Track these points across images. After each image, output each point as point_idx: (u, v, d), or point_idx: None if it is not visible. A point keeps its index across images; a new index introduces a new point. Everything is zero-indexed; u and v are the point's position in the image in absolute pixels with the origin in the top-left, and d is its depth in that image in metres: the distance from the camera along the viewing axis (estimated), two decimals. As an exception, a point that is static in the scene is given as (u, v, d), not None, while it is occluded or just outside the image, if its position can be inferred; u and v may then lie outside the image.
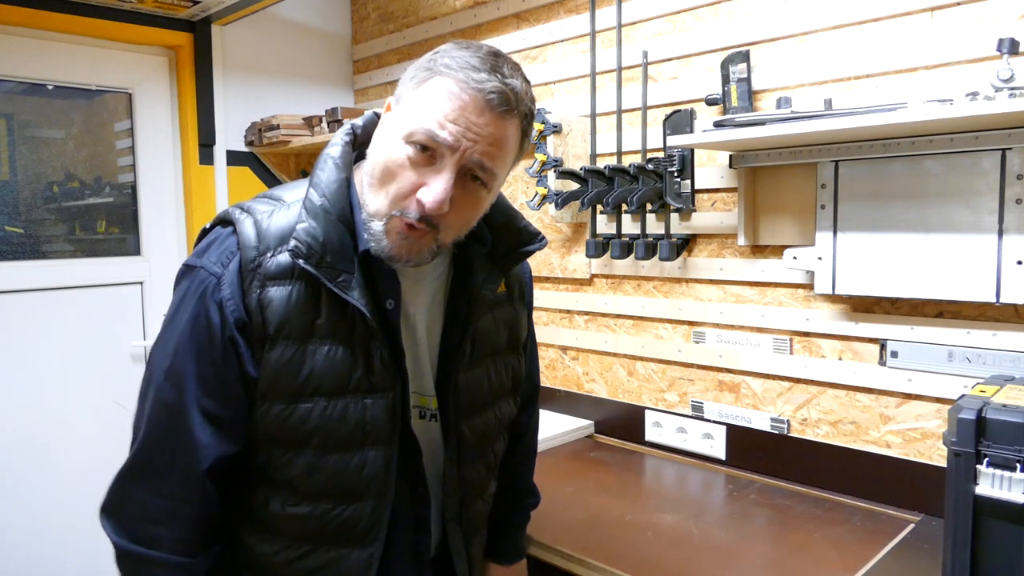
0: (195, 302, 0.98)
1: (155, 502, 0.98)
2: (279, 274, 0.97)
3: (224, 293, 0.96)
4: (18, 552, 2.34)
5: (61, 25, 2.34)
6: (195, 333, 0.97)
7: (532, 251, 1.15)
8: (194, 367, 0.97)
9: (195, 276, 1.00)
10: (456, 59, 0.93)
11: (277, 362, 0.97)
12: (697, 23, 1.91)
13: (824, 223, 1.64)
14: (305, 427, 1.00)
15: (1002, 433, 1.06)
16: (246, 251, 0.97)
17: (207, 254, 1.00)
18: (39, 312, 2.37)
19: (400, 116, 0.97)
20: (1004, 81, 1.32)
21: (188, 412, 0.97)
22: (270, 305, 0.96)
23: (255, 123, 2.71)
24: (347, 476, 1.02)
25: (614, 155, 2.05)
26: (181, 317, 0.99)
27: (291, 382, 0.98)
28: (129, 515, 1.00)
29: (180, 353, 0.97)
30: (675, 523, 1.59)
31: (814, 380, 1.76)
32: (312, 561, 1.05)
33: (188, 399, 0.96)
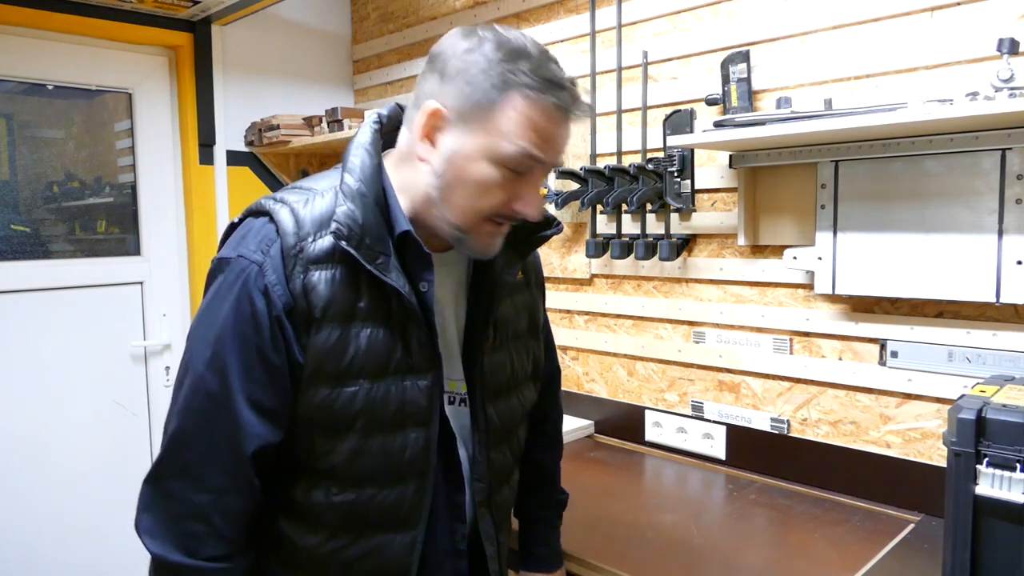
0: (237, 290, 0.96)
1: (197, 498, 0.96)
2: (321, 258, 0.97)
3: (269, 279, 0.95)
4: (18, 552, 2.34)
5: (61, 25, 2.34)
6: (238, 321, 0.96)
7: (549, 235, 1.16)
8: (238, 356, 0.95)
9: (233, 266, 0.98)
10: (532, 74, 0.93)
11: (323, 345, 0.97)
12: (697, 23, 1.91)
13: (824, 223, 1.64)
14: (350, 410, 0.99)
15: (1002, 433, 1.06)
16: (286, 237, 0.97)
17: (243, 244, 0.99)
18: (39, 312, 2.37)
19: (477, 135, 0.96)
20: (1004, 81, 1.32)
21: (234, 399, 0.95)
22: (315, 289, 0.96)
23: (255, 123, 2.71)
24: (390, 458, 1.03)
25: (614, 155, 2.05)
26: (221, 307, 0.97)
27: (337, 365, 0.98)
28: (171, 516, 0.96)
29: (223, 342, 0.96)
30: (675, 523, 1.59)
31: (814, 380, 1.76)
32: (357, 549, 1.05)
33: (233, 387, 0.95)
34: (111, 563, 2.53)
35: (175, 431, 0.97)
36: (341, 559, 1.05)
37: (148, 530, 0.96)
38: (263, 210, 1.01)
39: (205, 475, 0.96)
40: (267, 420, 0.97)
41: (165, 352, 2.64)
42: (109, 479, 2.51)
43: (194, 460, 0.96)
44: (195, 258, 2.65)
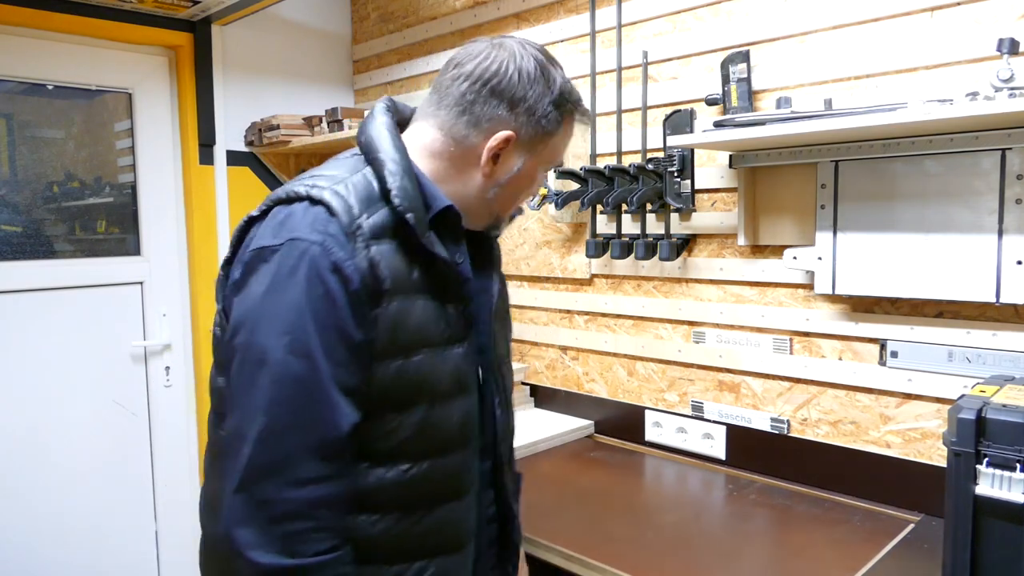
0: (305, 272, 0.94)
1: (295, 494, 0.92)
2: (377, 234, 0.99)
3: (337, 255, 0.95)
4: (18, 552, 2.34)
5: (61, 25, 2.34)
6: (313, 303, 0.94)
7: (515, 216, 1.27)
8: (318, 337, 0.93)
9: (289, 250, 0.95)
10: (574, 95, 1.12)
11: (393, 317, 0.99)
12: (697, 23, 1.91)
13: (824, 223, 1.64)
14: (418, 380, 1.02)
15: (1002, 433, 1.06)
16: (341, 216, 0.97)
17: (289, 229, 0.97)
18: (39, 312, 2.37)
19: (544, 153, 1.12)
20: (1004, 81, 1.32)
21: (323, 381, 0.93)
22: (380, 262, 0.98)
23: (255, 123, 2.71)
24: (448, 426, 1.06)
25: (614, 155, 2.05)
26: (286, 292, 0.94)
27: (405, 336, 1.00)
28: (271, 521, 0.91)
29: (300, 325, 0.93)
30: (675, 523, 1.59)
31: (814, 380, 1.76)
32: (429, 521, 1.06)
33: (321, 368, 0.93)
34: (111, 563, 2.53)
35: (263, 429, 0.92)
36: (415, 535, 1.05)
37: (250, 544, 0.90)
38: (299, 196, 1.00)
39: (301, 468, 0.92)
40: (352, 400, 0.96)
41: (165, 352, 2.64)
42: (109, 479, 2.52)
43: (287, 455, 0.92)
44: (195, 258, 2.65)
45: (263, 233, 1.00)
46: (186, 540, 2.68)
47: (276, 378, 0.92)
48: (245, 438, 0.92)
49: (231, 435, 0.94)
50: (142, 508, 2.61)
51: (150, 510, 2.63)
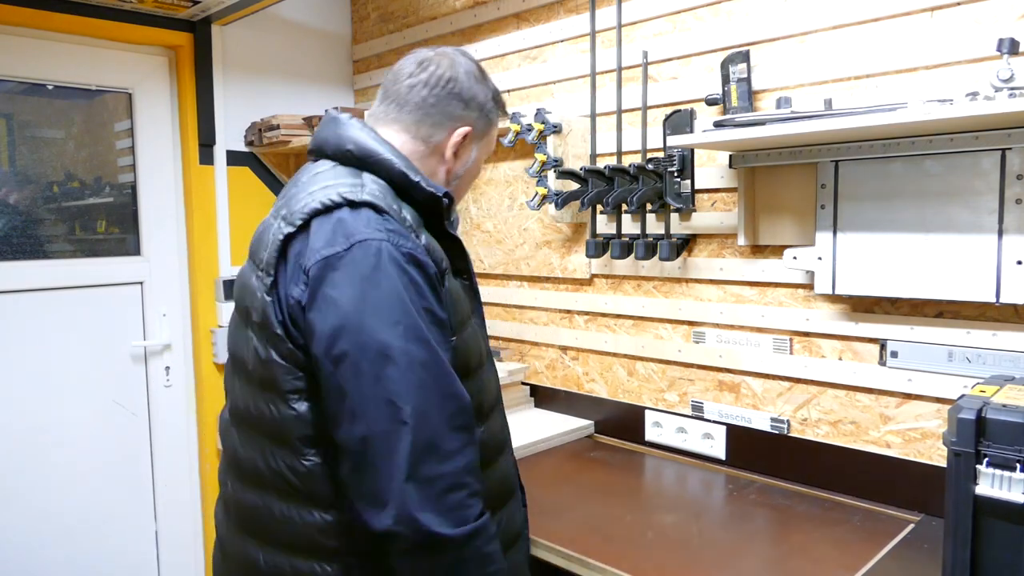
0: (387, 265, 0.99)
1: (449, 467, 0.97)
2: (417, 224, 1.09)
3: (407, 246, 1.02)
4: (18, 552, 2.34)
5: (61, 25, 2.34)
6: (406, 290, 0.99)
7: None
8: (423, 321, 0.99)
9: (362, 250, 0.99)
10: (502, 103, 1.28)
11: (453, 294, 1.11)
12: (697, 23, 1.91)
13: (824, 223, 1.64)
14: (469, 350, 1.13)
15: (1002, 433, 1.06)
16: (391, 212, 1.05)
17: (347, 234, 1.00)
18: (39, 312, 2.37)
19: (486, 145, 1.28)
20: (1004, 81, 1.32)
21: (442, 359, 1.00)
22: (432, 249, 1.08)
23: (255, 123, 2.70)
24: (491, 389, 1.21)
25: (614, 155, 2.05)
26: (379, 285, 0.98)
27: (460, 308, 1.13)
28: (438, 497, 0.96)
29: (406, 312, 0.98)
30: (675, 523, 1.59)
31: (814, 380, 1.76)
32: (493, 476, 1.17)
33: (435, 347, 1.00)
34: (111, 563, 2.53)
35: (413, 413, 0.95)
36: (494, 484, 1.17)
37: (435, 523, 0.95)
38: (337, 203, 1.04)
39: (447, 442, 0.98)
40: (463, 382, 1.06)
41: (165, 352, 2.64)
42: (109, 479, 2.52)
43: (434, 433, 0.97)
44: (195, 258, 2.65)
45: (317, 245, 1.01)
46: (186, 540, 2.69)
47: (407, 367, 0.96)
48: (398, 431, 0.95)
49: (377, 435, 0.96)
50: (142, 508, 2.61)
51: (150, 510, 2.63)
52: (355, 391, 0.97)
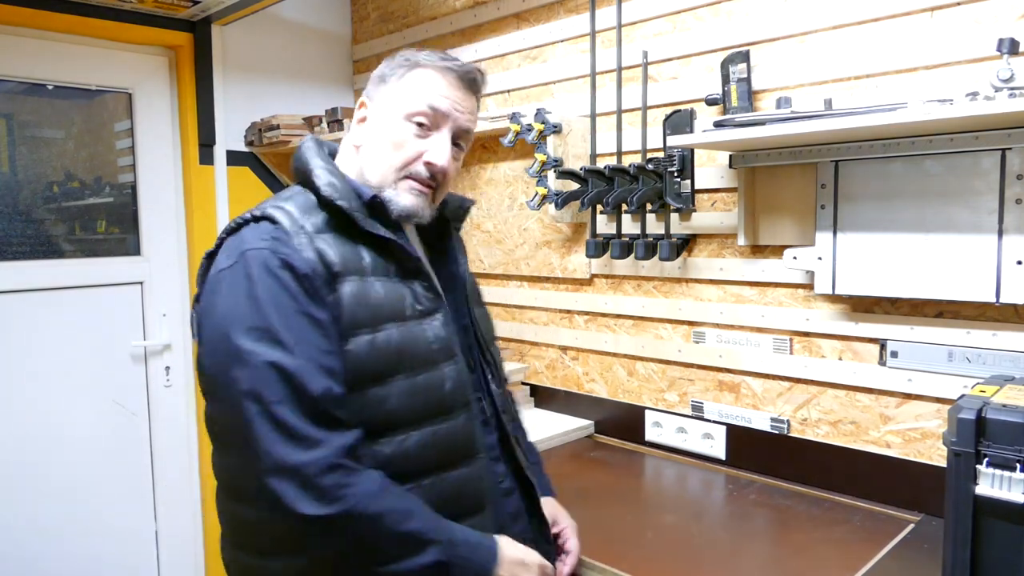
0: (257, 272, 1.04)
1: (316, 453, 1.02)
2: (319, 230, 1.10)
3: (284, 252, 1.05)
4: (18, 551, 2.34)
5: (61, 25, 2.34)
6: (269, 294, 1.03)
7: (470, 207, 1.38)
8: (282, 324, 1.02)
9: (243, 261, 1.05)
10: (428, 57, 1.18)
11: (350, 297, 1.08)
12: (697, 23, 1.91)
13: (824, 223, 1.64)
14: (391, 348, 1.10)
15: (1002, 433, 1.06)
16: (284, 223, 1.09)
17: (237, 248, 1.07)
18: (39, 312, 2.37)
19: (390, 104, 1.18)
20: (1004, 81, 1.32)
21: (296, 358, 1.02)
22: (325, 253, 1.08)
23: (255, 123, 2.71)
24: (441, 392, 1.13)
25: (614, 155, 2.05)
26: (242, 293, 1.04)
27: (367, 311, 1.09)
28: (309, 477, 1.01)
29: (264, 317, 1.02)
30: (675, 523, 1.59)
31: (814, 380, 1.76)
32: (442, 487, 1.13)
33: (290, 347, 1.02)
34: (111, 563, 2.53)
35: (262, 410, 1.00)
36: (434, 497, 1.11)
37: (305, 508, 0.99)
38: (245, 220, 1.12)
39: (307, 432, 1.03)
40: (325, 373, 1.04)
41: (165, 352, 2.64)
42: (109, 479, 2.52)
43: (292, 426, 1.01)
44: (195, 258, 2.64)
45: (219, 261, 1.10)
46: (186, 540, 2.69)
47: (254, 366, 1.01)
48: (252, 425, 1.00)
49: (240, 430, 1.02)
50: (142, 508, 2.61)
51: (150, 510, 2.63)
52: (220, 389, 1.05)
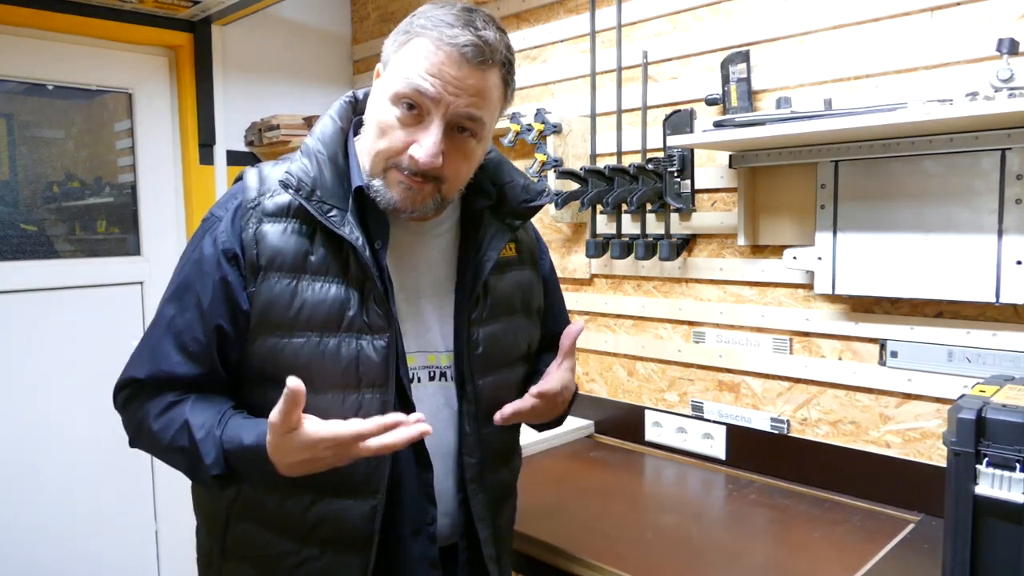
0: (197, 239, 1.08)
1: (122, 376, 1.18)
2: (276, 212, 1.04)
3: (219, 230, 1.05)
4: (18, 551, 2.34)
5: (61, 25, 2.34)
6: (186, 265, 1.08)
7: (538, 206, 1.19)
8: (174, 293, 1.08)
9: (204, 222, 1.09)
10: (431, 18, 0.98)
11: (269, 294, 1.02)
12: (697, 23, 1.91)
13: (824, 223, 1.64)
14: (297, 362, 1.01)
15: (1002, 433, 1.06)
16: (247, 192, 1.06)
17: (216, 204, 1.11)
18: (39, 312, 2.37)
19: (386, 79, 1.03)
20: (1004, 81, 1.32)
21: (165, 330, 1.08)
22: (264, 239, 1.02)
23: (255, 123, 2.71)
24: (343, 418, 0.96)
25: (614, 155, 2.05)
26: (185, 252, 1.10)
27: (283, 314, 1.01)
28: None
29: (173, 282, 1.10)
30: (675, 523, 1.59)
31: (814, 380, 1.76)
32: (316, 512, 1.05)
33: (165, 319, 1.08)
34: (111, 563, 2.53)
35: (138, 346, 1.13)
36: (302, 521, 1.06)
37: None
38: (241, 176, 1.12)
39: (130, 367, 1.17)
40: (187, 356, 1.05)
41: (165, 352, 2.63)
42: (109, 479, 2.51)
43: (132, 357, 1.16)
44: (195, 258, 2.64)
45: None
46: (186, 540, 2.67)
47: (153, 320, 1.10)
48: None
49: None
50: (142, 508, 2.61)
51: (150, 510, 2.63)
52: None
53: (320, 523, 1.06)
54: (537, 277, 1.28)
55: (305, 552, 1.07)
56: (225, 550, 1.12)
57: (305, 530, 1.06)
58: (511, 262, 1.21)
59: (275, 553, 1.08)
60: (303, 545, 1.07)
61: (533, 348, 1.26)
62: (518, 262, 1.23)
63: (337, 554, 1.06)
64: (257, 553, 1.10)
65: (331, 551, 1.06)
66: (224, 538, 1.12)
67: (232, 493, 1.09)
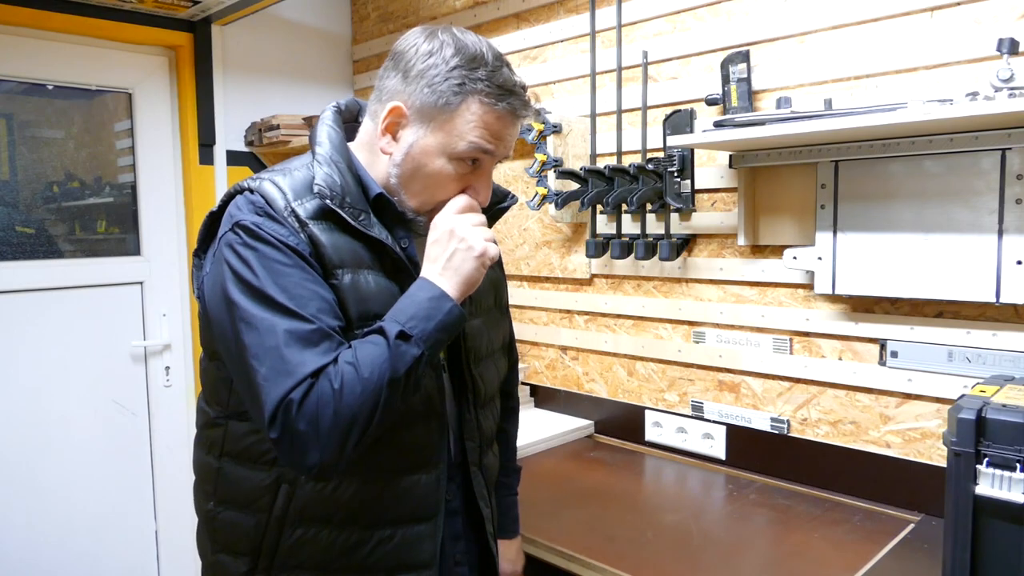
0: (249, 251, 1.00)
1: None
2: (313, 216, 1.04)
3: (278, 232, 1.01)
4: (18, 551, 2.34)
5: (61, 25, 2.34)
6: (262, 263, 0.99)
7: (506, 207, 1.28)
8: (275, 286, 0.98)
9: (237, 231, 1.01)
10: (485, 82, 1.04)
11: (348, 288, 1.04)
12: (697, 23, 1.91)
13: (824, 223, 1.64)
14: None
15: (1002, 433, 1.06)
16: (275, 202, 1.03)
17: (235, 216, 1.03)
18: (39, 312, 2.37)
19: (436, 132, 1.05)
20: (1004, 81, 1.32)
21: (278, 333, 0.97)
22: (318, 241, 1.03)
23: (255, 123, 2.71)
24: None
25: (614, 155, 2.05)
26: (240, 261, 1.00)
27: (357, 305, 1.04)
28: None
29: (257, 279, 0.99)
30: (675, 523, 1.59)
31: (814, 380, 1.76)
32: (390, 492, 1.09)
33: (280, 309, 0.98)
34: (111, 563, 2.53)
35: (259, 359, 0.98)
36: (375, 505, 1.09)
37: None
38: (242, 188, 1.08)
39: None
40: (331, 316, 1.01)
41: (165, 352, 2.64)
42: (109, 479, 2.51)
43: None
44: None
45: (222, 227, 1.07)
46: (186, 540, 2.68)
47: (250, 322, 0.97)
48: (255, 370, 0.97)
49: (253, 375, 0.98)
50: (142, 508, 2.61)
51: (150, 510, 2.63)
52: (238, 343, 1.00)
53: (394, 503, 1.10)
54: (503, 277, 1.39)
55: (376, 536, 1.10)
56: (273, 565, 1.10)
57: (377, 514, 1.09)
58: None
59: (343, 547, 1.09)
60: (375, 530, 1.10)
61: (507, 340, 1.40)
62: None
63: (409, 529, 1.11)
64: (318, 554, 1.09)
65: (403, 528, 1.11)
66: (275, 551, 1.09)
67: (284, 499, 1.08)
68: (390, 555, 1.10)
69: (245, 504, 1.10)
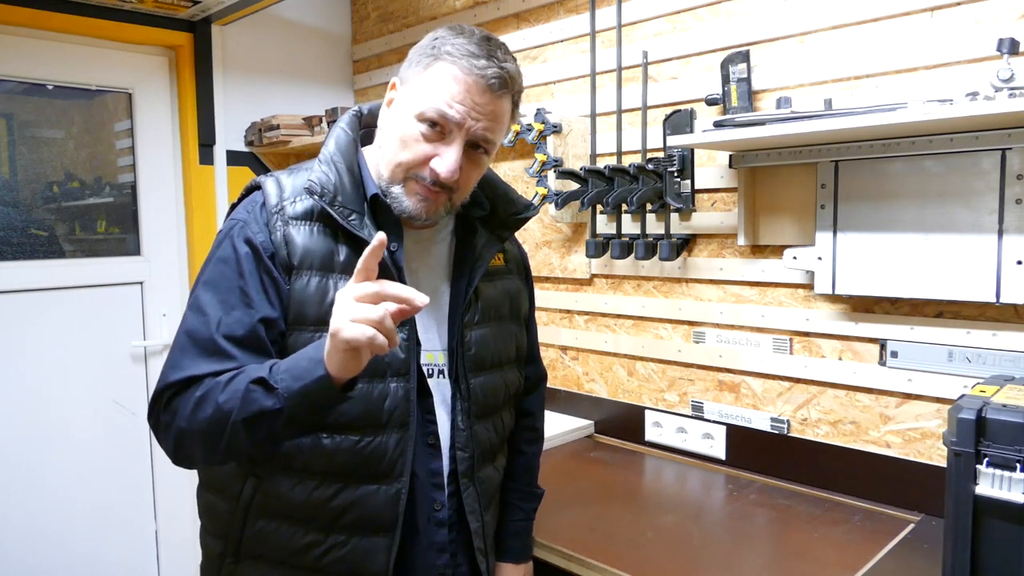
0: (225, 242, 1.10)
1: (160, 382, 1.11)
2: (300, 216, 1.10)
3: (251, 230, 1.09)
4: (18, 551, 2.34)
5: (61, 25, 2.34)
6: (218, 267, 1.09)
7: (526, 217, 1.28)
8: (214, 296, 1.07)
9: (226, 229, 1.12)
10: (456, 46, 1.07)
11: (303, 291, 1.08)
12: (697, 23, 1.91)
13: (824, 223, 1.64)
14: None
15: (1002, 433, 1.06)
16: (269, 199, 1.11)
17: (236, 211, 1.14)
18: (39, 312, 2.37)
19: (409, 97, 1.10)
20: (1004, 81, 1.32)
21: (211, 331, 1.06)
22: (292, 241, 1.08)
23: (255, 123, 2.71)
24: (372, 405, 1.09)
25: (614, 155, 2.05)
26: (211, 259, 1.11)
27: (317, 309, 1.08)
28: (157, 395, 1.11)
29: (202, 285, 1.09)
30: (675, 523, 1.59)
31: (814, 380, 1.76)
32: (343, 498, 1.10)
33: (211, 320, 1.06)
34: (111, 563, 2.53)
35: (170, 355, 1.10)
36: (329, 509, 1.10)
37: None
38: (255, 185, 1.16)
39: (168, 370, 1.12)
40: (238, 346, 1.06)
41: (165, 352, 2.63)
42: (109, 479, 2.51)
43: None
44: (195, 258, 2.64)
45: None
46: (186, 540, 2.68)
47: (189, 307, 1.10)
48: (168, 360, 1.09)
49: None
50: (142, 508, 2.61)
51: (150, 510, 2.63)
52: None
53: (348, 509, 1.10)
54: (524, 286, 1.38)
55: (330, 540, 1.11)
56: (240, 551, 1.14)
57: (331, 518, 1.10)
58: (500, 271, 1.30)
59: (299, 545, 1.11)
60: (329, 533, 1.11)
61: (523, 352, 1.36)
62: (507, 271, 1.32)
63: (363, 539, 1.11)
64: (278, 548, 1.12)
65: (357, 536, 1.11)
66: (240, 538, 1.13)
67: (250, 490, 1.12)
68: (342, 561, 1.11)
69: (219, 489, 1.16)
